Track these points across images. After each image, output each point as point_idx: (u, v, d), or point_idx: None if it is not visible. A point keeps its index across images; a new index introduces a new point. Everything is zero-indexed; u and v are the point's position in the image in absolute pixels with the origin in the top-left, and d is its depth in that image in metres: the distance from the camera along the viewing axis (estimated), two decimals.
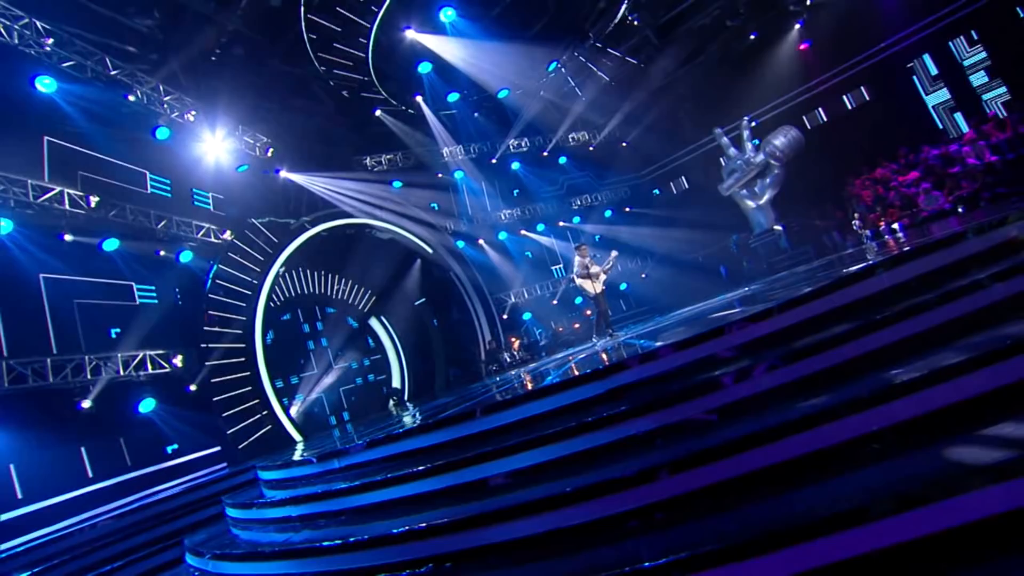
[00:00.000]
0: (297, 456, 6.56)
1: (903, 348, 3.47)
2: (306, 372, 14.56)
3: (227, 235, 12.69)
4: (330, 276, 15.74)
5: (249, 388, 11.87)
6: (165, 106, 11.27)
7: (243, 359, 11.96)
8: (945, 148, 13.19)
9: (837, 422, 3.02)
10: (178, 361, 11.18)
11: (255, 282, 12.69)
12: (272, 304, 13.42)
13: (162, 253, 11.43)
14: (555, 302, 18.84)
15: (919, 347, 3.44)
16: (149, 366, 10.62)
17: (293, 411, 13.44)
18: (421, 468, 4.23)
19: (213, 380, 11.43)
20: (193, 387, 11.26)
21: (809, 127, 17.05)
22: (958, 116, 14.29)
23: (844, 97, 16.57)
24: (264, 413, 11.87)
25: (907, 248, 4.80)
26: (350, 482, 4.69)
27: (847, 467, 2.88)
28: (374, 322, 16.56)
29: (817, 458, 3.00)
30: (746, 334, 4.05)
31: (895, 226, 12.62)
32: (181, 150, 11.86)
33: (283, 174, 14.25)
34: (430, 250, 16.49)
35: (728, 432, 3.28)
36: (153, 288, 11.30)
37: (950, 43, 14.23)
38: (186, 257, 11.71)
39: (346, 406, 15.12)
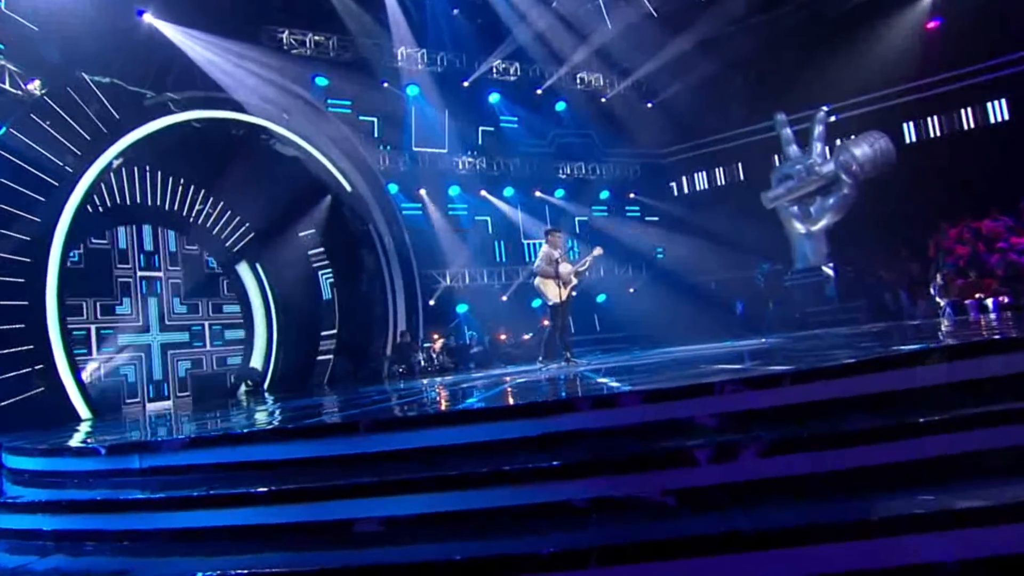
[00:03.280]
0: (76, 441, 6.58)
1: (944, 468, 3.57)
2: (122, 321, 14.25)
3: (34, 86, 11.89)
4: (192, 190, 15.38)
5: (22, 326, 11.25)
6: None
7: (22, 280, 11.34)
8: None
9: (831, 545, 3.10)
10: None
11: (70, 170, 12.00)
12: (91, 210, 12.92)
13: None
14: (505, 298, 19.11)
15: (964, 470, 3.53)
16: None
17: (87, 374, 13.01)
18: (262, 490, 4.25)
19: None
20: None
21: (908, 140, 17.33)
22: None
23: (967, 110, 16.83)
24: (39, 367, 11.33)
25: (994, 336, 5.12)
26: (151, 492, 4.65)
27: None
28: (244, 270, 16.45)
29: None
30: (741, 401, 4.20)
31: (988, 302, 12.79)
32: None
33: (148, 19, 13.51)
34: (348, 187, 16.36)
35: (687, 524, 3.43)
36: None
37: None
38: None
39: (174, 383, 15.01)
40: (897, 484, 3.49)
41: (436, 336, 17.06)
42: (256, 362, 16.18)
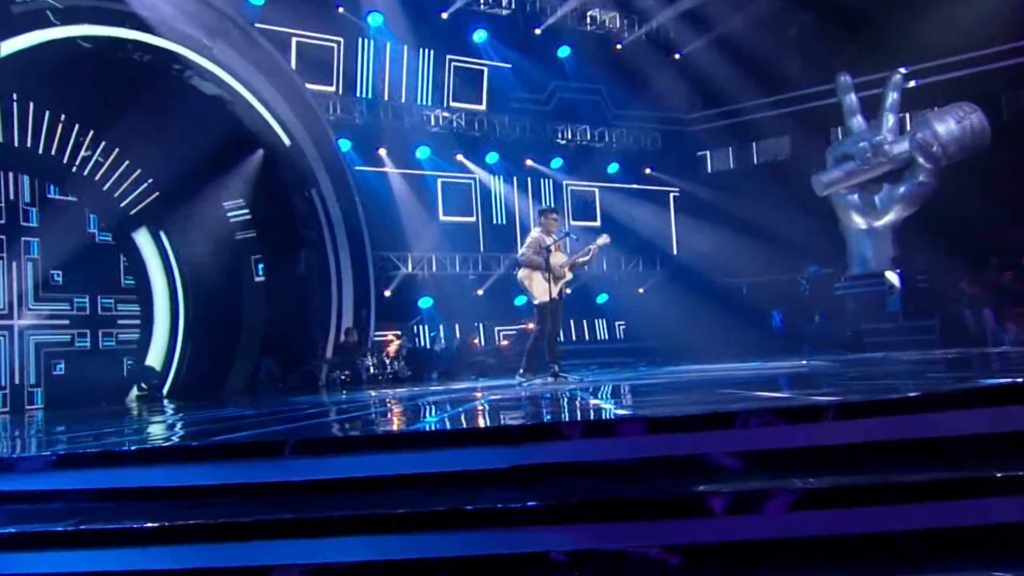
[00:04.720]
0: None
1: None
2: None
3: None
4: (77, 130, 15.22)
5: None
6: None
7: None
8: None
9: None
10: None
11: None
12: None
13: None
14: (481, 292, 19.23)
15: None
16: None
17: None
18: (151, 525, 4.22)
19: None
20: None
21: (1006, 116, 17.01)
22: None
23: None
24: None
25: None
26: (2, 526, 4.58)
27: None
28: (144, 240, 16.47)
29: None
30: (771, 437, 4.29)
31: None
32: None
33: None
34: (286, 140, 16.17)
35: None
36: None
37: None
38: None
39: (42, 382, 14.89)
40: (965, 554, 3.48)
41: (391, 337, 17.15)
42: (154, 359, 16.16)
